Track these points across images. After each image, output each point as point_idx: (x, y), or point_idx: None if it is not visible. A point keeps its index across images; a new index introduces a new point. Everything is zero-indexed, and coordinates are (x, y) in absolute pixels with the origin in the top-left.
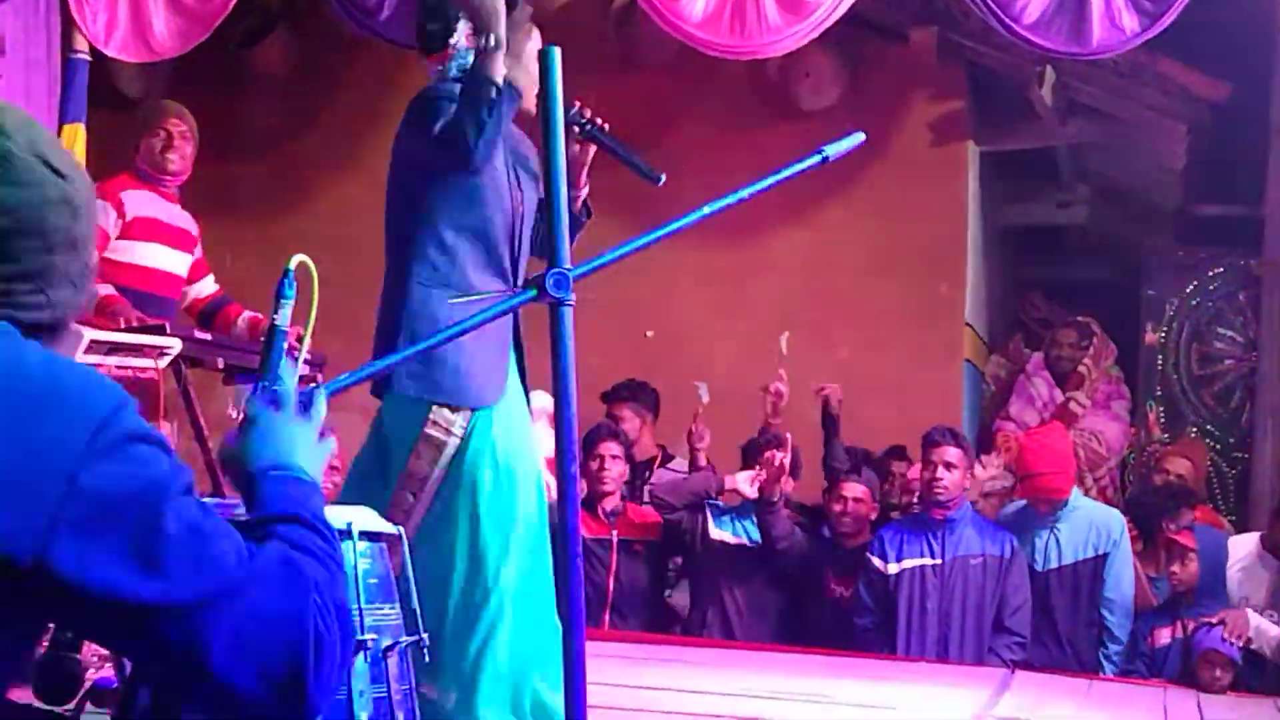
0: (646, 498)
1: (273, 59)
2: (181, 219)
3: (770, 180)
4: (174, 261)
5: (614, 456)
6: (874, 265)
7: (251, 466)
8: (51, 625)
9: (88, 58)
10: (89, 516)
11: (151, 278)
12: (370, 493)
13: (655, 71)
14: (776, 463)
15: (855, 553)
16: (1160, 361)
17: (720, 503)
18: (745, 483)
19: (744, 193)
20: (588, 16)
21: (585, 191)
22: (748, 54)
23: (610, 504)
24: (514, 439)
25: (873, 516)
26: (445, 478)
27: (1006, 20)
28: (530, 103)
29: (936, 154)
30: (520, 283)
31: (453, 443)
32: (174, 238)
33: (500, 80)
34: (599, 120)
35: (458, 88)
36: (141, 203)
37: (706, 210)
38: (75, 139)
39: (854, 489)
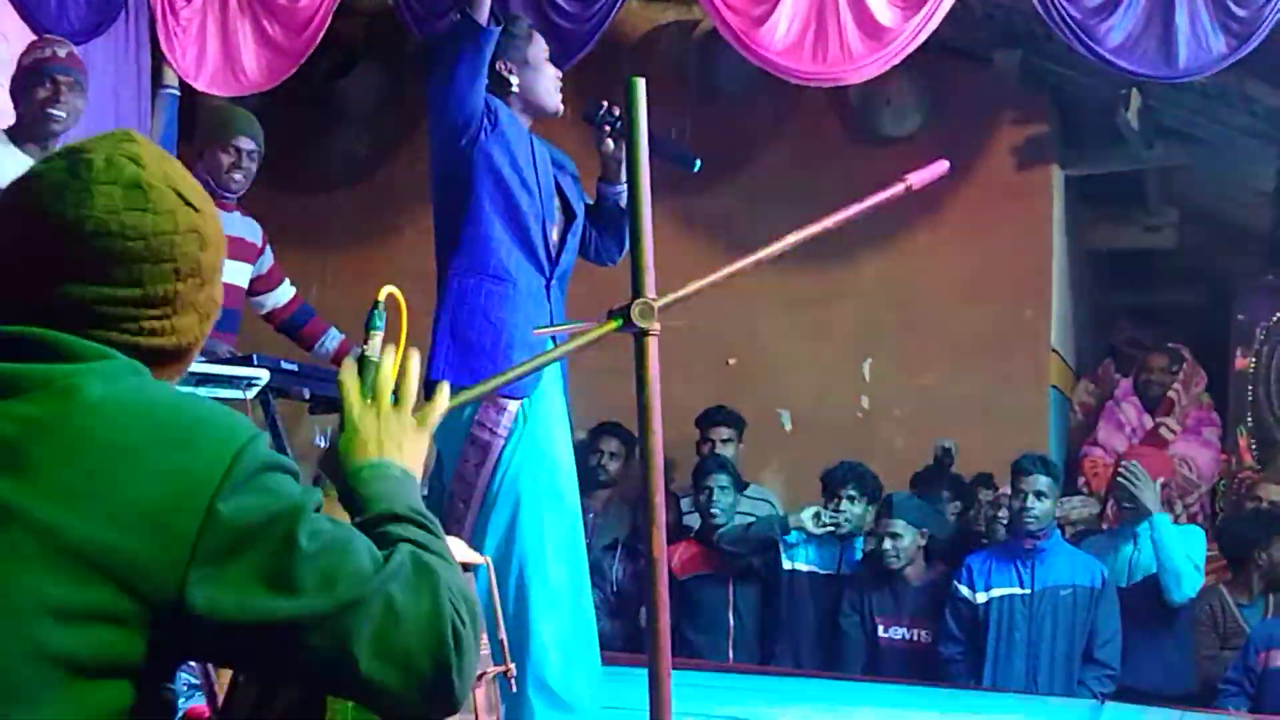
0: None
1: (358, 92)
2: (240, 226)
3: (854, 209)
4: (231, 272)
5: (723, 488)
6: (959, 290)
7: (348, 466)
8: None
9: (177, 92)
10: (226, 547)
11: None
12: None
13: (737, 99)
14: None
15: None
16: (1251, 387)
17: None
18: (810, 520)
19: (828, 222)
20: (669, 45)
21: (621, 193)
22: (829, 81)
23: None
24: (555, 450)
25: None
26: (488, 485)
27: (1091, 44)
28: (547, 102)
29: (1021, 178)
30: (555, 287)
31: (498, 443)
32: (232, 248)
33: (477, 17)
34: (618, 111)
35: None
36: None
37: (791, 240)
38: None
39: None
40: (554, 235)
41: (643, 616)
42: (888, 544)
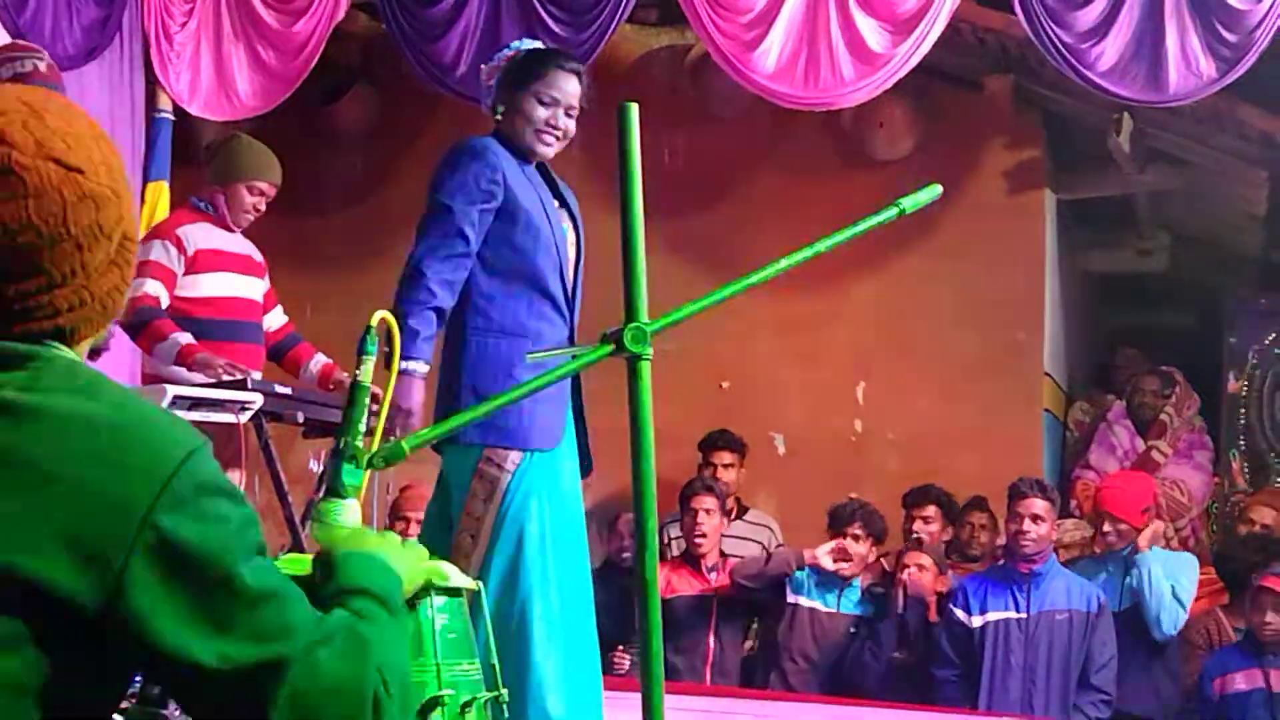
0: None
1: (353, 116)
2: (243, 245)
3: (846, 233)
4: (246, 287)
5: (708, 510)
6: (951, 314)
7: (341, 551)
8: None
9: (171, 116)
10: (160, 571)
11: (228, 306)
12: (439, 546)
13: (730, 123)
14: (849, 555)
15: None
16: (1243, 411)
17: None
18: (825, 556)
19: (820, 246)
20: (662, 69)
21: None
22: (821, 105)
23: (711, 560)
24: (564, 488)
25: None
26: (496, 519)
27: (1081, 68)
28: (523, 144)
29: (1013, 202)
30: (575, 327)
31: (505, 479)
32: (240, 264)
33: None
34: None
35: (481, 144)
36: (201, 235)
37: (783, 264)
38: (159, 197)
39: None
40: (569, 272)
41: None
42: None
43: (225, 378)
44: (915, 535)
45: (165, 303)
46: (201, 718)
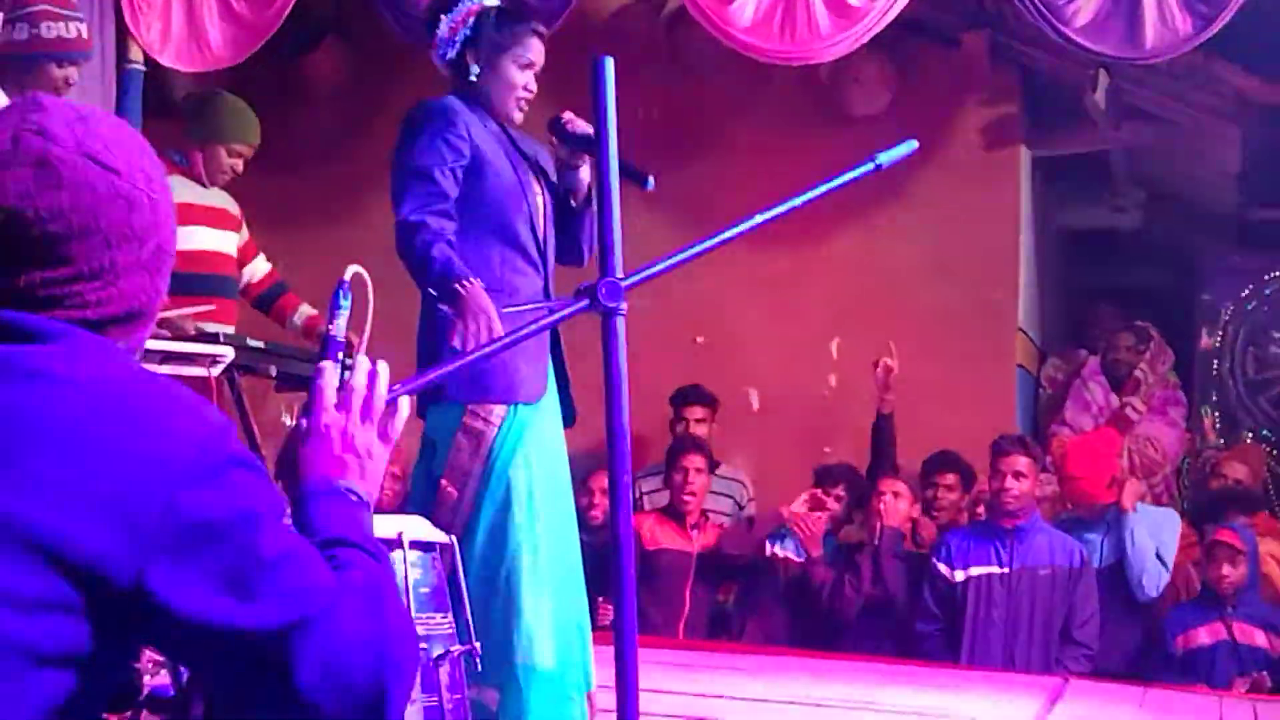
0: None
1: (325, 68)
2: (217, 198)
3: (823, 189)
4: (218, 240)
5: (698, 470)
6: (926, 270)
7: (302, 483)
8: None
9: (142, 68)
10: (187, 540)
11: (199, 259)
12: (427, 504)
13: (706, 77)
14: (810, 528)
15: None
16: (1216, 367)
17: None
18: (800, 506)
19: (796, 201)
20: (638, 22)
21: (583, 181)
22: (797, 59)
23: (694, 518)
24: (548, 441)
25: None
26: (483, 473)
27: (1058, 24)
28: (499, 109)
29: (989, 158)
30: (550, 279)
31: (490, 432)
32: (212, 218)
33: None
34: (583, 128)
35: (442, 104)
36: (176, 189)
37: (758, 219)
38: None
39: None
40: (540, 223)
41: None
42: None
43: (251, 343)
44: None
45: None
46: (228, 687)
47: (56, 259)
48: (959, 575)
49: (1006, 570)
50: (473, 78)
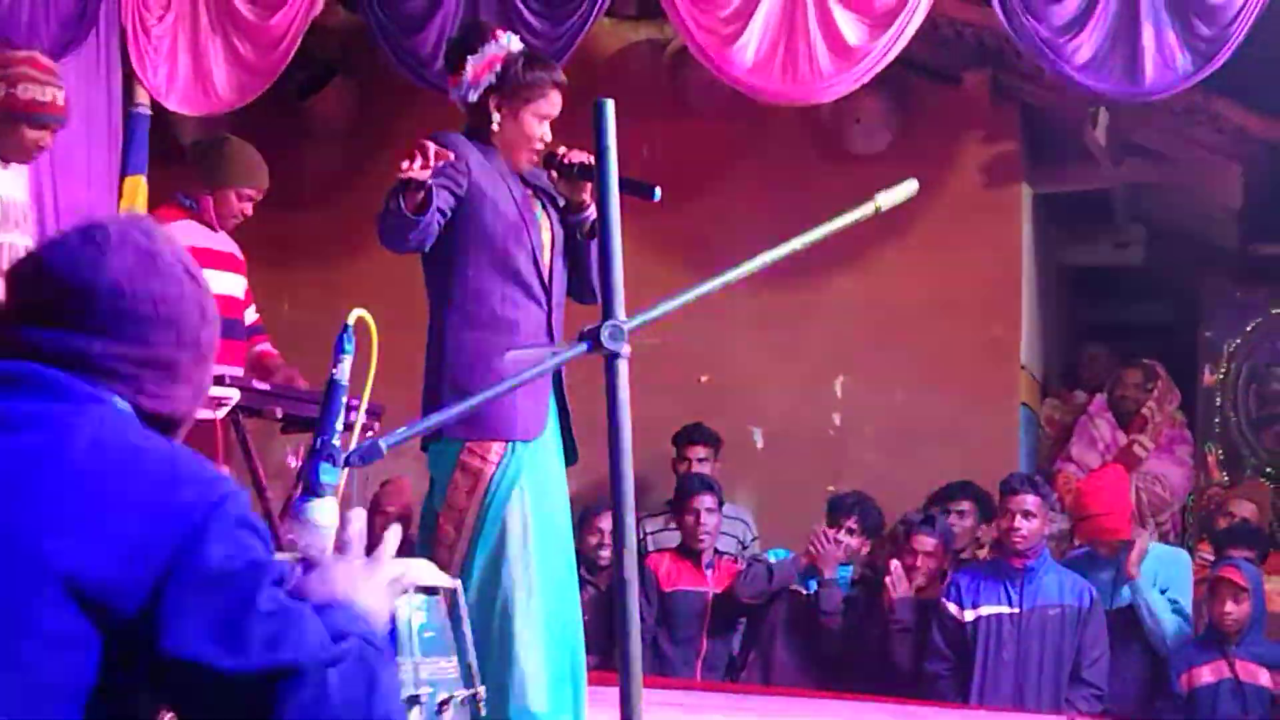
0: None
1: (330, 109)
2: (225, 243)
3: (824, 230)
4: (230, 285)
5: (709, 509)
6: (928, 308)
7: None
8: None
9: (148, 111)
10: (192, 588)
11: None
12: (428, 543)
13: (708, 118)
14: (826, 546)
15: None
16: (1219, 403)
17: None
18: (818, 544)
19: (797, 242)
20: (640, 64)
21: (590, 216)
22: (799, 100)
23: (708, 556)
24: (547, 480)
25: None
26: (480, 510)
27: (1058, 62)
28: (516, 157)
29: (990, 196)
30: (555, 313)
31: (488, 470)
32: (224, 262)
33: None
34: (580, 157)
35: (444, 136)
36: (187, 233)
37: (761, 260)
38: (136, 191)
39: (925, 543)
40: (546, 260)
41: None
42: None
43: (257, 385)
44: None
45: None
46: None
47: (135, 338)
48: (969, 615)
49: (1016, 610)
50: (495, 125)
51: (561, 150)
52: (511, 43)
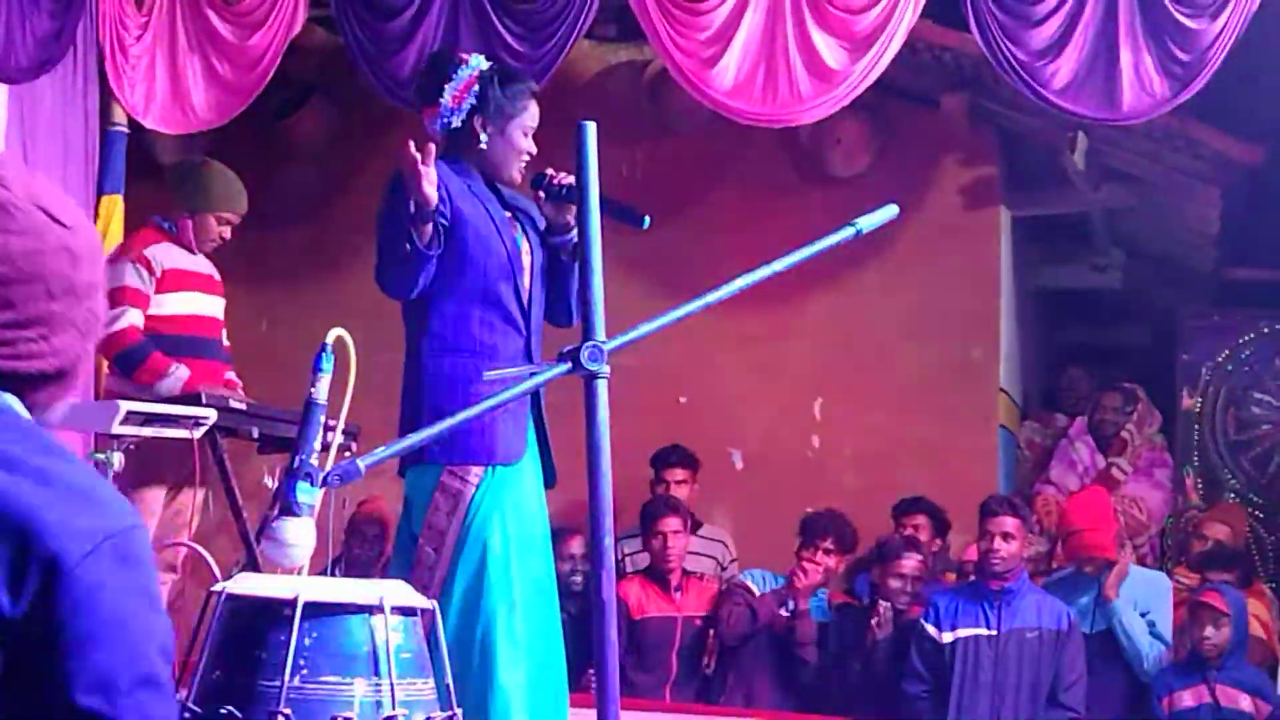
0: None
1: (308, 129)
2: (204, 265)
3: (803, 253)
4: (209, 305)
5: (675, 532)
6: (907, 330)
7: None
8: None
9: (126, 129)
10: (80, 609)
11: (194, 323)
12: (406, 566)
13: (688, 139)
14: (809, 577)
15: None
16: (1197, 427)
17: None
18: (801, 576)
19: (777, 265)
20: (621, 85)
21: (574, 238)
22: (779, 122)
23: (676, 579)
24: (527, 502)
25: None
26: (460, 533)
27: (1036, 86)
28: (503, 174)
29: (968, 219)
30: (534, 337)
31: (468, 492)
32: (203, 283)
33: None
34: (570, 180)
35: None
36: (167, 255)
37: (741, 283)
38: (113, 210)
39: (909, 565)
40: (525, 284)
41: None
42: None
43: (235, 405)
44: (907, 535)
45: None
46: None
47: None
48: (947, 637)
49: (994, 632)
50: (482, 145)
51: (550, 172)
52: (480, 62)
